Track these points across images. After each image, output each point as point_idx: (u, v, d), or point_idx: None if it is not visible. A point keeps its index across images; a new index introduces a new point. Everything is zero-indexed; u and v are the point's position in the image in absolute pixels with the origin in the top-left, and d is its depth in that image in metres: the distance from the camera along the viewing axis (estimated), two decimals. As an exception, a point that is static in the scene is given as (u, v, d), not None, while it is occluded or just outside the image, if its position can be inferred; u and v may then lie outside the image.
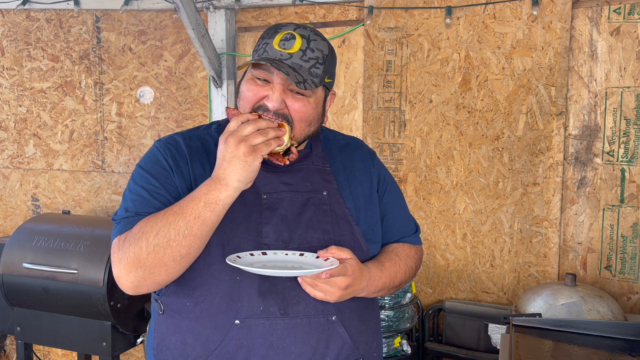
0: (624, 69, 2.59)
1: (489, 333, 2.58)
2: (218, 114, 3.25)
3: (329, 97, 1.48)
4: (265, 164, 1.43)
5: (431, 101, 2.92)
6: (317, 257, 1.33)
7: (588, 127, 2.69)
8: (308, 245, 1.40)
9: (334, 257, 1.32)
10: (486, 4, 2.78)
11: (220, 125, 1.52)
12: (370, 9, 2.95)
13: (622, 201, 2.63)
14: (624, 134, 2.61)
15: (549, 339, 1.79)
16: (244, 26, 3.25)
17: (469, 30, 2.83)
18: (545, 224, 2.76)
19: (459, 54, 2.85)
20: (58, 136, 3.60)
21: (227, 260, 1.26)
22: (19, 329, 3.00)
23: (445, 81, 2.89)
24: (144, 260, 1.25)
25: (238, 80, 3.41)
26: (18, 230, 3.05)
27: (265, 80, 1.36)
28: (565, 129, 2.72)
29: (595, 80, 2.66)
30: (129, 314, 2.89)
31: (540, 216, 2.77)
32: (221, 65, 3.19)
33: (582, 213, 2.73)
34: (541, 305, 2.23)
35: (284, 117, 1.35)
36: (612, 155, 2.65)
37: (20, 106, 3.64)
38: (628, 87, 2.59)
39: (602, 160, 2.67)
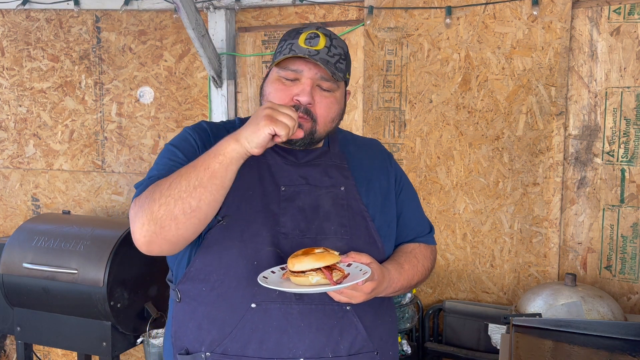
0: (624, 69, 2.59)
1: (489, 333, 2.57)
2: (218, 114, 3.25)
3: (347, 95, 1.54)
4: (285, 158, 1.49)
5: (431, 101, 2.92)
6: (339, 262, 1.33)
7: (588, 127, 2.69)
8: (324, 236, 1.42)
9: (354, 261, 1.33)
10: (486, 4, 2.78)
11: (242, 121, 1.58)
12: (370, 9, 2.95)
13: (622, 201, 2.63)
14: (624, 134, 2.61)
15: (549, 339, 1.79)
16: (244, 26, 3.25)
17: (469, 30, 2.83)
18: (545, 224, 2.76)
19: (459, 54, 2.85)
20: (58, 136, 3.60)
21: (259, 281, 1.27)
22: (19, 329, 3.00)
23: (445, 81, 2.89)
24: (155, 213, 1.25)
25: (239, 79, 3.38)
26: (18, 230, 3.05)
27: (292, 80, 1.41)
28: (565, 129, 2.72)
29: (595, 80, 2.66)
30: (129, 314, 2.89)
31: (540, 216, 2.77)
32: (221, 65, 3.19)
33: (582, 213, 2.73)
34: (541, 305, 2.23)
35: (311, 117, 1.41)
36: (612, 155, 2.65)
37: (20, 106, 3.64)
38: (628, 87, 2.59)
39: (602, 160, 2.67)
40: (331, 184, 1.49)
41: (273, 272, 1.33)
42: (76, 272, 2.78)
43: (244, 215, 1.40)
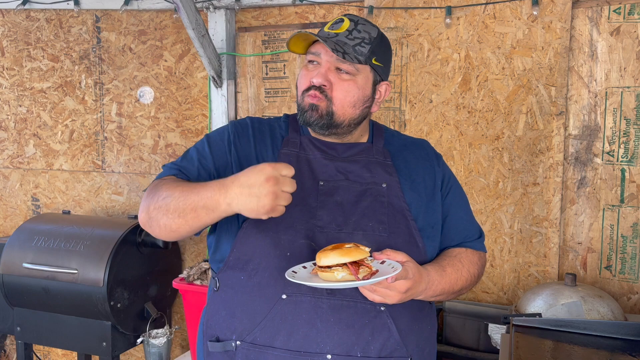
0: (624, 69, 2.59)
1: (489, 333, 2.57)
2: (218, 114, 3.25)
3: (382, 86, 1.53)
4: (325, 153, 1.49)
5: (431, 101, 2.92)
6: (371, 259, 1.30)
7: (588, 127, 2.69)
8: (362, 232, 1.40)
9: (389, 259, 1.29)
10: (486, 4, 2.78)
11: (289, 116, 1.58)
12: (370, 9, 2.95)
13: (622, 201, 2.63)
14: (624, 134, 2.61)
15: (549, 339, 1.79)
16: (244, 26, 3.25)
17: (469, 30, 2.83)
18: (545, 224, 2.76)
19: (459, 54, 2.85)
20: (58, 136, 3.60)
21: (286, 276, 1.27)
22: (19, 329, 3.00)
23: (445, 81, 2.89)
24: (150, 211, 1.35)
25: (239, 79, 3.39)
26: (18, 230, 3.05)
27: (314, 63, 1.45)
28: (565, 129, 2.72)
29: (595, 80, 2.66)
30: (129, 314, 2.89)
31: (540, 216, 2.77)
32: (221, 65, 3.19)
33: (582, 213, 2.73)
34: (541, 305, 2.23)
35: (325, 96, 1.41)
36: (612, 155, 2.65)
37: (20, 106, 3.64)
38: (628, 87, 2.59)
39: (602, 160, 2.67)
40: (372, 180, 1.47)
41: (305, 267, 1.32)
42: (76, 272, 2.78)
43: None
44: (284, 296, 1.36)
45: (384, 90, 1.53)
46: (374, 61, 1.44)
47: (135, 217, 3.10)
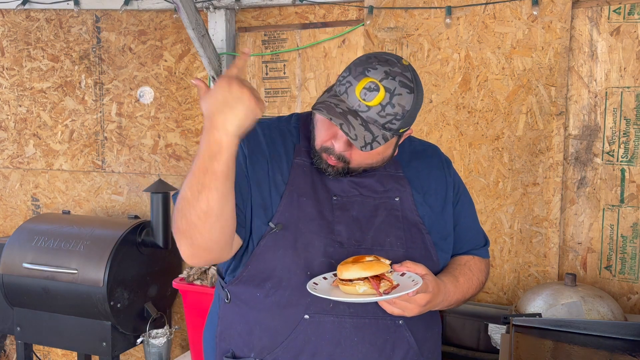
0: (624, 69, 2.59)
1: (489, 333, 2.57)
2: (218, 114, 3.25)
3: (405, 133, 1.43)
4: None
5: (431, 101, 2.92)
6: (391, 271, 1.29)
7: (588, 127, 2.69)
8: (380, 247, 1.39)
9: (409, 271, 1.29)
10: (486, 4, 2.78)
11: (300, 119, 1.51)
12: (370, 9, 2.95)
13: (622, 201, 2.63)
14: (624, 134, 2.61)
15: (549, 339, 1.79)
16: (244, 26, 3.25)
17: (469, 30, 2.83)
18: (545, 224, 2.76)
19: (459, 54, 2.85)
20: (58, 136, 3.60)
21: (308, 289, 1.25)
22: (19, 329, 3.00)
23: (445, 81, 2.89)
24: (180, 227, 1.24)
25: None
26: (18, 230, 3.05)
27: None
28: (565, 129, 2.72)
29: (595, 80, 2.66)
30: (129, 314, 2.89)
31: (540, 216, 2.77)
32: (221, 65, 3.19)
33: (582, 213, 2.73)
34: (541, 305, 2.23)
35: (343, 160, 1.35)
36: (612, 155, 2.65)
37: (20, 106, 3.64)
38: (628, 87, 2.59)
39: (602, 160, 2.67)
40: (385, 194, 1.44)
41: (325, 277, 1.31)
42: (76, 272, 2.78)
43: (298, 223, 1.37)
44: (306, 316, 1.34)
45: (404, 136, 1.44)
46: (401, 130, 1.33)
47: (135, 216, 3.10)
